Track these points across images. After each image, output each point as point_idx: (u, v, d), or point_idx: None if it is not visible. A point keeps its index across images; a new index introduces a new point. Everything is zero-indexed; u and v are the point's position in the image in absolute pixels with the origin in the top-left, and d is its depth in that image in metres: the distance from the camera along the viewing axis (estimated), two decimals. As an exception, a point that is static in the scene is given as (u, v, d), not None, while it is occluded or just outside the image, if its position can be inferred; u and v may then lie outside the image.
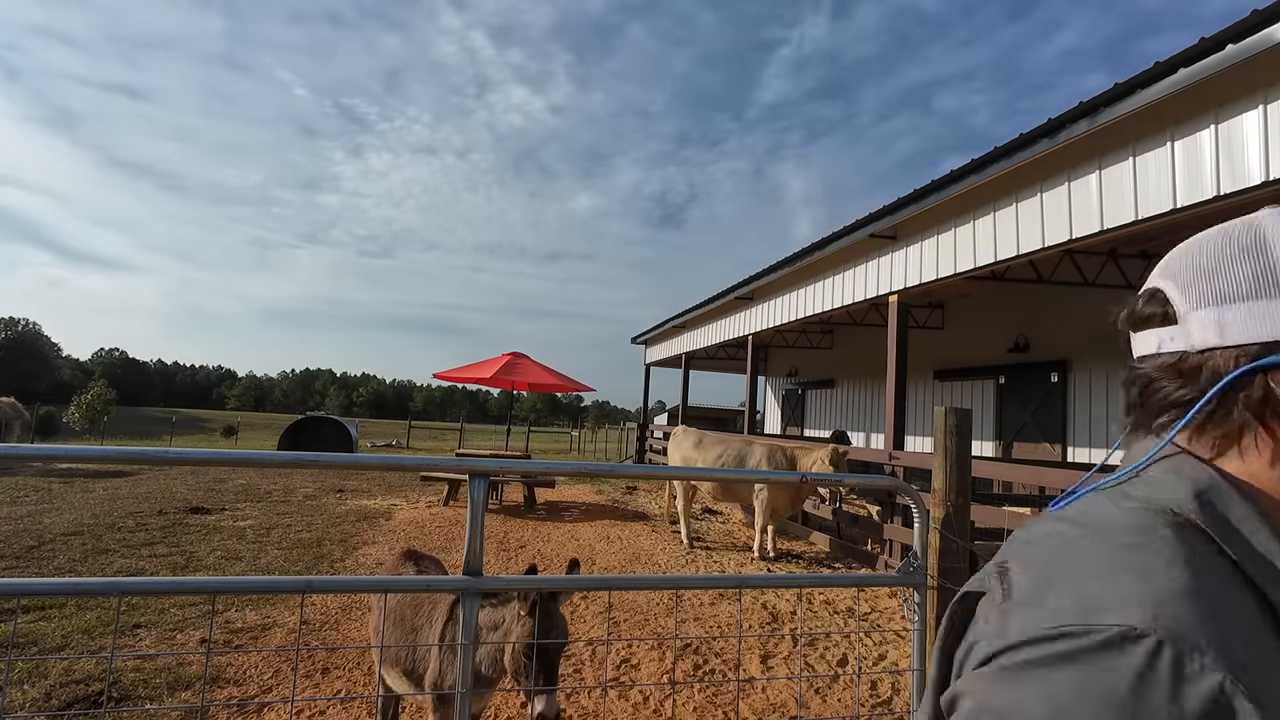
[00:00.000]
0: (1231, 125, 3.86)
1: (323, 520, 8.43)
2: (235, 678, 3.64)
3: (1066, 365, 8.84)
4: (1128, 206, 4.52)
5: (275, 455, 1.94)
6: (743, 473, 6.67)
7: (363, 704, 3.36)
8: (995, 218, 5.85)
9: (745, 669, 4.19)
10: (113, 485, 10.51)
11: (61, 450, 1.85)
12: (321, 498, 10.45)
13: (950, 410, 1.98)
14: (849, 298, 8.34)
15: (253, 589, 2.38)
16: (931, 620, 1.96)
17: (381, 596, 2.51)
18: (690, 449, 8.48)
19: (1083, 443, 8.50)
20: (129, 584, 1.80)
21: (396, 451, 27.26)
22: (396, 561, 2.74)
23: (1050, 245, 5.24)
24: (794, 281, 9.91)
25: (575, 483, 13.67)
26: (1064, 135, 4.74)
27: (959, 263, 6.33)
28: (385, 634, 2.38)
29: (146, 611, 4.53)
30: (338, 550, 6.78)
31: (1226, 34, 3.62)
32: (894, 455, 6.79)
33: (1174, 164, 4.20)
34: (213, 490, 10.56)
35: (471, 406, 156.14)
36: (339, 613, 4.75)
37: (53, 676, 3.44)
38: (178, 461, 1.76)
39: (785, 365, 17.64)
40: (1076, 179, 4.98)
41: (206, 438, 37.43)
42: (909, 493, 2.23)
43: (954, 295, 10.10)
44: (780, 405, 18.54)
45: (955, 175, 5.90)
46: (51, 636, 4.02)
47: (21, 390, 37.34)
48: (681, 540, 7.93)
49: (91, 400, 29.02)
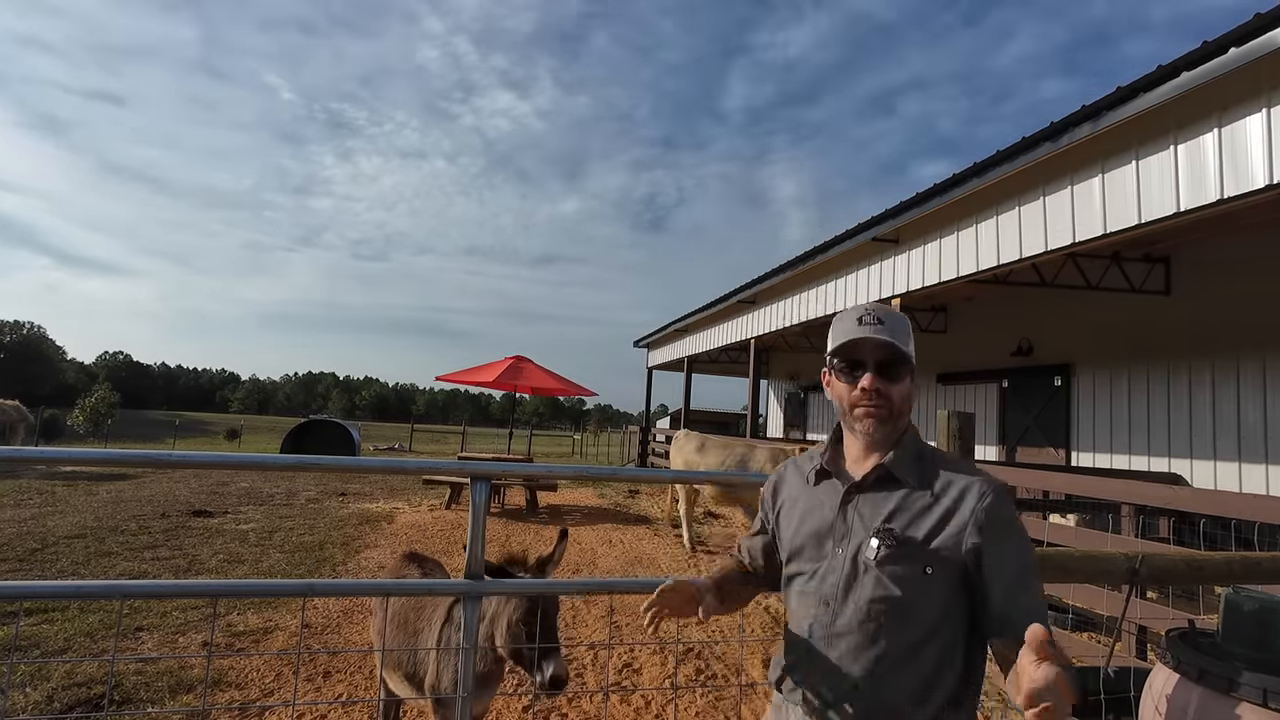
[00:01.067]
0: (1235, 128, 3.85)
1: (325, 523, 8.43)
2: (237, 681, 3.64)
3: (1070, 369, 8.81)
4: (1131, 209, 4.50)
5: (278, 458, 1.95)
6: (745, 475, 6.66)
7: (364, 708, 3.35)
8: (998, 221, 5.84)
9: (747, 673, 4.17)
10: (116, 488, 10.53)
11: (65, 453, 1.86)
12: (324, 501, 10.46)
13: (953, 414, 1.97)
14: (851, 301, 8.32)
15: (255, 592, 2.38)
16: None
17: (383, 600, 2.51)
18: (692, 452, 8.46)
19: (1086, 447, 8.46)
20: (131, 587, 1.81)
21: (399, 455, 27.26)
22: (398, 565, 2.74)
23: (1053, 248, 5.23)
24: (796, 285, 9.90)
25: (577, 486, 13.66)
26: (1066, 139, 4.74)
27: (961, 266, 6.32)
28: (387, 637, 2.37)
29: (149, 614, 4.53)
30: (340, 554, 6.78)
31: (1229, 37, 3.61)
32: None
33: (1177, 167, 4.19)
34: (215, 493, 10.57)
35: (474, 410, 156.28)
36: (341, 616, 4.75)
37: (55, 679, 3.44)
38: (181, 464, 1.77)
39: (787, 368, 17.61)
40: (1079, 182, 4.97)
41: (210, 441, 37.48)
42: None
43: (957, 299, 10.08)
44: (783, 409, 18.51)
45: (958, 179, 5.89)
46: (54, 639, 4.03)
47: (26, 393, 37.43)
48: (684, 544, 7.91)
49: (95, 403, 29.09)
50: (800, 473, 1.40)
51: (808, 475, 1.36)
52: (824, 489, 1.32)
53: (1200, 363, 7.13)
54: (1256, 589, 1.53)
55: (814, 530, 1.29)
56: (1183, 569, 1.82)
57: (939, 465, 1.26)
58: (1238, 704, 1.25)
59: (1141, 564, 1.73)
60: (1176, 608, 4.02)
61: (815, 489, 1.33)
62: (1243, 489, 6.51)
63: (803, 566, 1.29)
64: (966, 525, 1.17)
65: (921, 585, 1.16)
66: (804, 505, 1.33)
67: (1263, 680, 1.23)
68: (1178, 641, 1.45)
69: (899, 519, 1.21)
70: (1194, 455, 7.09)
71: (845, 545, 1.23)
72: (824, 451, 1.35)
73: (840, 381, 1.29)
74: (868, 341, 1.24)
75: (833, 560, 1.23)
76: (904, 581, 1.16)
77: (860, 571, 1.19)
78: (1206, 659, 1.35)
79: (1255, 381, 6.60)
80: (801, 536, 1.31)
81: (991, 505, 1.18)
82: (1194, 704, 1.33)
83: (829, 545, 1.25)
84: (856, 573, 1.20)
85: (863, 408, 1.25)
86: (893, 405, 1.24)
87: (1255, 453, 6.53)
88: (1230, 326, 6.83)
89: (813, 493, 1.34)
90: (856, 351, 1.26)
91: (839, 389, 1.30)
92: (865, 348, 1.25)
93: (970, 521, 1.17)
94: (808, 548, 1.29)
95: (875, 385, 1.23)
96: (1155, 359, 7.62)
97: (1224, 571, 1.81)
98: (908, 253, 7.17)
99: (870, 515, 1.23)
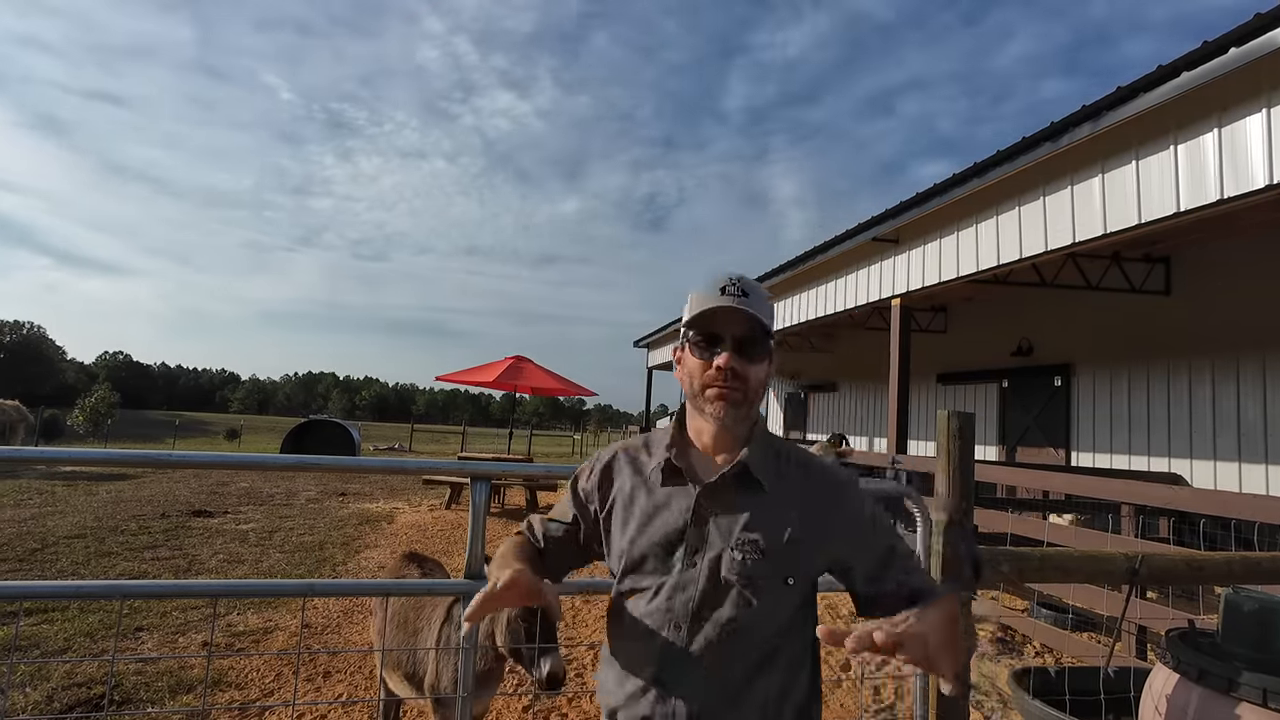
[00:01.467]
0: (1235, 128, 3.85)
1: (325, 523, 8.43)
2: (237, 681, 3.64)
3: (1070, 369, 8.81)
4: (1131, 209, 4.50)
5: (278, 458, 1.95)
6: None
7: (364, 708, 3.35)
8: (998, 221, 5.85)
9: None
10: (116, 488, 10.53)
11: (65, 453, 1.86)
12: (324, 501, 10.46)
13: (953, 414, 1.97)
14: (851, 301, 8.33)
15: (255, 592, 2.39)
16: (935, 625, 1.95)
17: (383, 600, 2.51)
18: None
19: (1086, 447, 8.46)
20: (131, 587, 1.81)
21: (399, 455, 27.27)
22: (398, 564, 2.74)
23: (1053, 249, 5.23)
24: (796, 285, 9.91)
25: (577, 486, 13.64)
26: (1066, 139, 4.74)
27: (961, 266, 6.32)
28: (387, 637, 2.37)
29: (149, 614, 4.53)
30: (340, 554, 6.78)
31: (1229, 37, 3.61)
32: (896, 459, 6.77)
33: (1177, 167, 4.19)
34: (215, 493, 10.58)
35: (474, 410, 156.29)
36: (341, 616, 4.75)
37: (55, 679, 3.44)
38: (181, 464, 1.77)
39: (788, 368, 17.62)
40: (1079, 182, 4.97)
41: (210, 441, 37.48)
42: (914, 499, 2.22)
43: (957, 299, 10.08)
44: (783, 408, 18.52)
45: (958, 179, 5.89)
46: (54, 639, 4.03)
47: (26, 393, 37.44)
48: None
49: (95, 403, 29.09)
50: (636, 465, 1.21)
51: (649, 471, 1.18)
52: (671, 489, 1.15)
53: (1200, 363, 7.13)
54: (1256, 589, 1.53)
55: (661, 539, 1.11)
56: (1183, 569, 1.81)
57: (794, 461, 1.17)
58: (1237, 704, 1.24)
59: (1141, 564, 1.73)
60: (1176, 608, 4.02)
61: (659, 489, 1.15)
62: (1243, 489, 6.51)
63: (644, 581, 1.11)
64: (828, 528, 1.12)
65: (784, 597, 1.09)
66: (644, 507, 1.15)
67: (1262, 680, 1.23)
68: (1178, 641, 1.45)
69: (760, 526, 1.09)
70: (1194, 455, 7.09)
71: (701, 558, 1.08)
72: (669, 443, 1.17)
73: (694, 357, 1.14)
74: (729, 314, 1.11)
75: (684, 575, 1.08)
76: (767, 596, 1.07)
77: (719, 588, 1.07)
78: (1206, 659, 1.35)
79: (1255, 381, 6.60)
80: (643, 546, 1.12)
81: (850, 503, 1.15)
82: (1194, 704, 1.33)
83: (678, 557, 1.10)
84: (716, 590, 1.07)
85: (716, 388, 1.11)
86: (748, 388, 1.12)
87: (1255, 453, 6.53)
88: (1230, 326, 6.83)
89: (656, 493, 1.15)
90: (715, 324, 1.12)
91: (691, 365, 1.14)
92: (725, 320, 1.11)
93: (832, 523, 1.12)
94: (651, 559, 1.11)
95: (732, 364, 1.10)
96: (1155, 359, 7.62)
97: (1224, 572, 1.81)
98: (908, 253, 7.17)
99: (728, 522, 1.10)
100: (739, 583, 1.06)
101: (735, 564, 1.07)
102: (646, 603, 1.10)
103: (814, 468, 1.18)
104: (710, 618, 1.06)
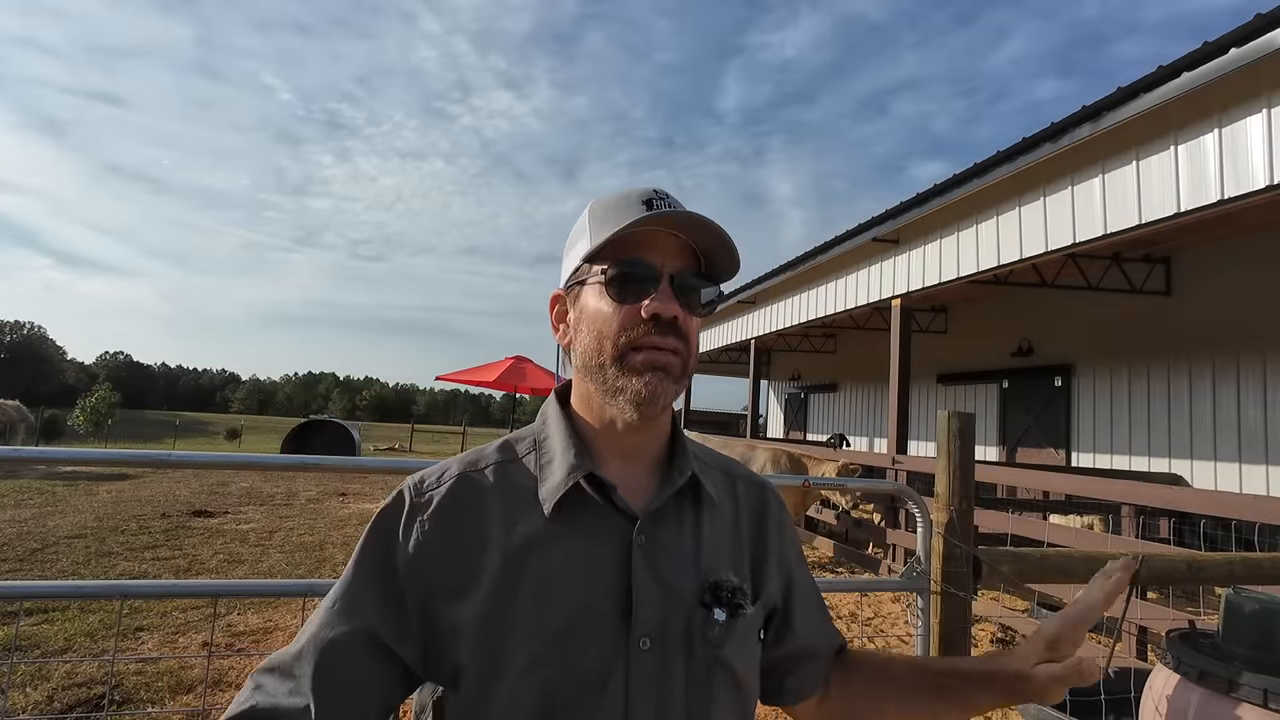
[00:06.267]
0: (1235, 129, 3.85)
1: (325, 524, 8.43)
2: (237, 681, 3.63)
3: (1070, 369, 8.81)
4: (1131, 210, 4.51)
5: (278, 458, 1.95)
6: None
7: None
8: (998, 221, 5.85)
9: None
10: (116, 488, 10.53)
11: (65, 453, 1.86)
12: (324, 501, 10.46)
13: (954, 414, 1.97)
14: (851, 301, 8.33)
15: (255, 592, 2.38)
16: (935, 625, 1.95)
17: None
18: (693, 453, 8.44)
19: (1086, 448, 8.46)
20: (131, 587, 1.81)
21: (399, 455, 27.27)
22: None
23: (1054, 249, 5.23)
24: (796, 285, 9.90)
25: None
26: (1066, 139, 4.74)
27: (962, 266, 6.32)
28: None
29: (149, 615, 4.52)
30: (340, 554, 6.78)
31: (1229, 38, 3.61)
32: (897, 459, 6.77)
33: (1178, 167, 4.19)
34: (215, 493, 10.58)
35: (474, 410, 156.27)
36: (341, 616, 4.75)
37: (55, 679, 3.44)
38: (181, 464, 1.77)
39: (788, 369, 17.62)
40: (1079, 182, 4.97)
41: (210, 441, 37.50)
42: (914, 499, 2.22)
43: (957, 299, 10.08)
44: (783, 409, 18.52)
45: (958, 179, 5.89)
46: (54, 639, 4.02)
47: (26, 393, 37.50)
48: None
49: (96, 403, 29.15)
50: (507, 495, 0.71)
51: (542, 499, 0.69)
52: (583, 526, 0.69)
53: (1200, 363, 7.13)
54: (1257, 590, 1.53)
55: (582, 609, 0.66)
56: (1183, 570, 1.81)
57: (718, 466, 0.83)
58: (1238, 705, 1.24)
59: (1142, 565, 1.73)
60: (1177, 608, 4.03)
61: (562, 527, 0.68)
62: (1243, 489, 6.51)
63: (561, 676, 0.64)
64: (771, 555, 0.80)
65: (756, 658, 0.76)
66: (546, 564, 0.67)
67: (1263, 681, 1.23)
68: (1178, 642, 1.45)
69: (720, 564, 0.73)
70: (1194, 455, 7.09)
71: (665, 629, 0.67)
72: (568, 446, 0.72)
73: (609, 300, 0.69)
74: (669, 238, 0.71)
75: (638, 661, 0.65)
76: (747, 662, 0.73)
77: (696, 669, 0.67)
78: (1207, 660, 1.35)
79: (1255, 381, 6.60)
80: (549, 626, 0.65)
81: (786, 521, 0.85)
82: (1194, 705, 1.32)
83: (614, 634, 0.66)
84: (691, 672, 0.67)
85: (647, 352, 0.68)
86: (691, 353, 0.71)
87: (1255, 453, 6.53)
88: (1230, 326, 6.83)
89: (560, 537, 0.68)
90: (644, 248, 0.69)
91: (600, 316, 0.70)
92: (664, 248, 0.70)
93: (775, 548, 0.80)
94: (568, 641, 0.65)
95: (675, 312, 0.68)
96: (1155, 359, 7.62)
97: (1225, 572, 1.81)
98: (908, 253, 7.17)
99: (680, 566, 0.70)
100: (719, 654, 0.68)
101: (714, 627, 0.68)
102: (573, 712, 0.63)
103: (734, 468, 0.86)
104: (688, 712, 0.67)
